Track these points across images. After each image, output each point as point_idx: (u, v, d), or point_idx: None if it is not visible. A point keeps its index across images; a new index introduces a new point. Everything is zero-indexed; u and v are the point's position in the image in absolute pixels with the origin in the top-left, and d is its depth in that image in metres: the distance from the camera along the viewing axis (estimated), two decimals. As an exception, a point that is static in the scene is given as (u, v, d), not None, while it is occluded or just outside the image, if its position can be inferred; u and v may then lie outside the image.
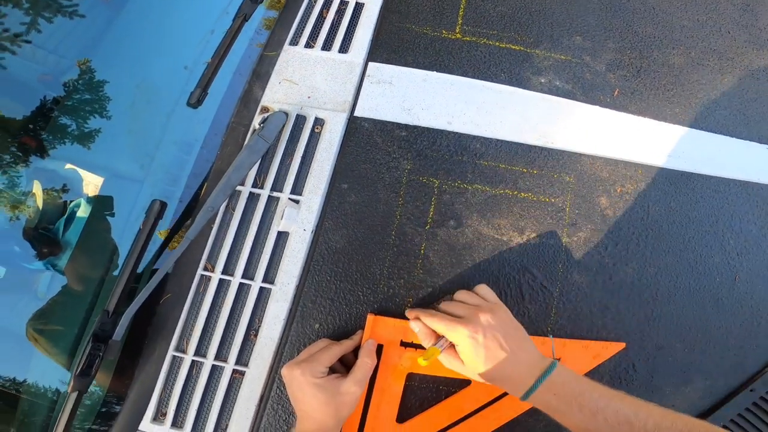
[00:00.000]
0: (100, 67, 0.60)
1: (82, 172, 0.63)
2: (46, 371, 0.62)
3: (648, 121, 0.62)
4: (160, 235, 0.60)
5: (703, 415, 0.58)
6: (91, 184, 0.63)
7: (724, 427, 0.58)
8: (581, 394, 0.44)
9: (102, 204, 0.63)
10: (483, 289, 0.51)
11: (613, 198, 0.58)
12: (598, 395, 0.43)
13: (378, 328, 0.54)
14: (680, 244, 0.58)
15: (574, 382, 0.45)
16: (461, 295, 0.51)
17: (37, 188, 0.63)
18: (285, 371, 0.50)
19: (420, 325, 0.50)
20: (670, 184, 0.60)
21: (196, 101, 0.57)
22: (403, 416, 0.54)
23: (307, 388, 0.47)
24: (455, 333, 0.46)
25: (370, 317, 0.54)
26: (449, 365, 0.50)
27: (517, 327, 0.48)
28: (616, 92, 0.63)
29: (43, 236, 0.63)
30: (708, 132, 0.63)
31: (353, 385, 0.49)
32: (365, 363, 0.50)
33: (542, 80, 0.63)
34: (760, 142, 0.64)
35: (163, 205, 0.55)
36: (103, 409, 0.59)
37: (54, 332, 0.62)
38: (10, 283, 0.62)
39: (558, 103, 0.62)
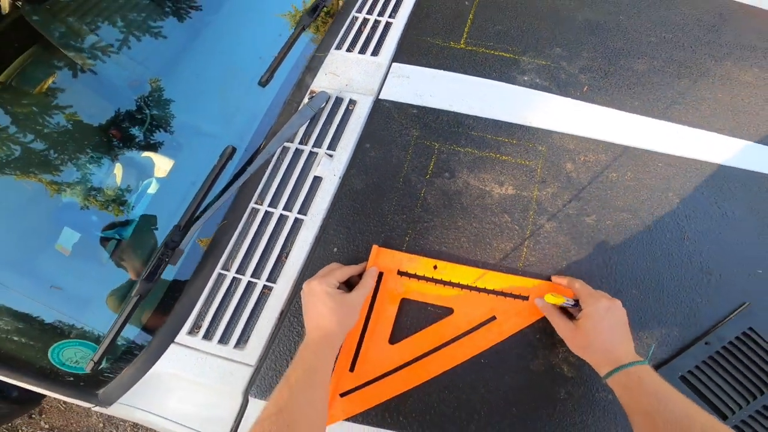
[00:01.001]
0: (202, 53, 0.84)
1: (155, 158, 0.81)
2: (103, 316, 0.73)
3: (611, 110, 0.78)
4: (202, 245, 0.74)
5: (661, 363, 0.63)
6: (162, 168, 0.82)
7: (681, 378, 0.62)
8: (657, 385, 0.50)
9: (148, 221, 0.77)
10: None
11: (577, 164, 0.73)
12: (669, 390, 0.49)
13: (380, 257, 0.67)
14: (634, 204, 0.71)
15: (656, 377, 0.51)
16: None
17: (118, 169, 0.79)
18: (305, 285, 0.61)
19: (544, 302, 0.62)
20: (627, 158, 0.74)
21: (265, 82, 0.80)
22: (395, 338, 0.64)
23: (320, 296, 0.57)
24: (594, 298, 0.57)
25: (374, 248, 0.67)
26: (555, 317, 0.61)
27: (626, 324, 0.58)
28: (585, 88, 0.80)
29: (117, 209, 0.77)
30: (664, 121, 0.78)
31: (356, 298, 0.60)
32: (367, 282, 0.63)
33: (525, 78, 0.81)
34: (711, 131, 0.77)
35: (233, 150, 0.75)
36: (150, 322, 0.71)
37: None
38: (82, 248, 0.73)
39: (537, 95, 0.79)
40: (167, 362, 0.65)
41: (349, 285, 0.66)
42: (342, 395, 0.62)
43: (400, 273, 0.67)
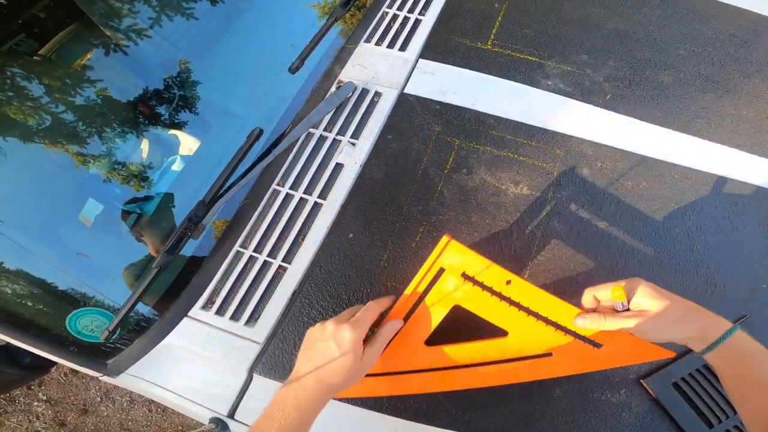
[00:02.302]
0: (236, 38, 0.88)
1: (182, 137, 0.84)
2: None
3: (632, 120, 0.79)
4: (214, 226, 0.76)
5: (656, 369, 0.63)
6: (187, 146, 0.85)
7: (674, 384, 0.62)
8: (763, 352, 0.45)
9: (170, 198, 0.79)
10: None
11: (593, 170, 0.75)
12: None
13: (448, 251, 0.55)
14: (647, 213, 0.72)
15: (754, 343, 0.46)
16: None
17: (144, 145, 0.82)
18: (333, 325, 0.50)
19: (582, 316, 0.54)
20: (644, 167, 0.75)
21: (295, 69, 0.83)
22: (433, 341, 0.59)
23: (344, 349, 0.48)
24: (631, 282, 0.51)
25: (446, 238, 0.55)
26: (612, 319, 0.52)
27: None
28: (608, 96, 0.81)
29: (141, 183, 0.79)
30: (685, 134, 0.78)
31: (374, 356, 0.51)
32: (386, 334, 0.53)
33: (549, 82, 0.82)
34: (731, 146, 0.78)
35: (261, 132, 0.77)
36: (165, 296, 0.72)
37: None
38: (104, 219, 0.75)
39: (559, 100, 0.80)
40: (178, 335, 0.67)
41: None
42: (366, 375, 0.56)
43: (466, 276, 0.56)
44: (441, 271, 0.57)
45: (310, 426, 0.48)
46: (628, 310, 0.53)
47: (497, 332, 0.59)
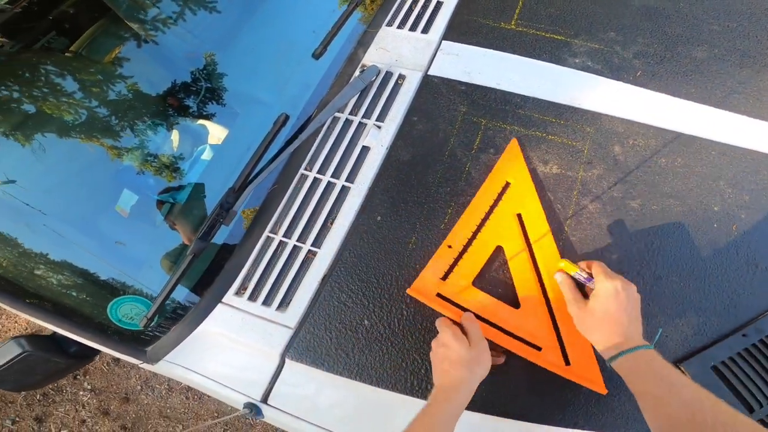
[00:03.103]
0: (259, 27, 0.88)
1: (210, 126, 0.86)
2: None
3: (665, 96, 0.76)
4: (244, 215, 0.77)
5: (695, 352, 0.63)
6: (216, 136, 0.86)
7: (713, 368, 0.62)
8: (665, 370, 0.49)
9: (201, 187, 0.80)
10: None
11: (625, 147, 0.73)
12: (679, 375, 0.49)
13: (515, 154, 0.72)
14: (682, 191, 0.70)
15: (662, 362, 0.50)
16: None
17: (175, 135, 0.84)
18: (466, 353, 0.56)
19: (564, 276, 0.61)
20: (678, 144, 0.73)
21: (318, 55, 0.83)
22: (478, 283, 0.66)
23: (454, 357, 0.56)
24: (610, 276, 0.56)
25: (513, 143, 0.72)
26: (568, 291, 0.60)
27: (638, 308, 0.57)
28: (638, 73, 0.79)
29: (173, 174, 0.81)
30: (721, 109, 0.75)
31: (480, 344, 0.58)
32: (477, 328, 0.60)
33: (576, 60, 0.80)
34: (771, 122, 0.75)
35: (287, 117, 0.78)
36: (201, 282, 0.74)
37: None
38: (139, 209, 0.77)
39: (587, 77, 0.78)
40: (213, 321, 0.68)
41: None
42: (438, 295, 0.66)
43: (519, 218, 0.68)
44: (507, 185, 0.70)
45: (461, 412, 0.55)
46: (590, 278, 0.59)
47: (514, 304, 0.65)
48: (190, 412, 1.49)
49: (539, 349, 0.62)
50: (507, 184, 0.71)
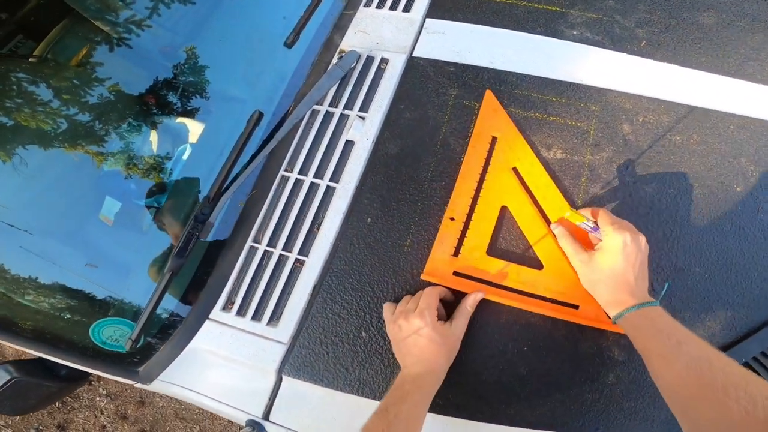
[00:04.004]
0: (224, 17, 0.80)
1: (189, 124, 0.79)
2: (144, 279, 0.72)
3: (674, 66, 0.70)
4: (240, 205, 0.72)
5: (725, 347, 0.58)
6: (196, 134, 0.79)
7: (745, 364, 0.57)
8: (671, 327, 0.47)
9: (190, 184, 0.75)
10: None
11: (635, 126, 0.66)
12: (686, 332, 0.46)
13: (493, 106, 0.67)
14: (701, 172, 0.64)
15: (669, 319, 0.48)
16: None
17: (153, 137, 0.78)
18: (400, 321, 0.55)
19: (561, 229, 0.58)
20: (693, 119, 0.66)
21: (291, 43, 0.75)
22: (492, 251, 0.62)
23: (424, 333, 0.53)
24: (618, 228, 0.52)
25: (488, 93, 0.67)
26: (568, 245, 0.56)
27: (646, 261, 0.54)
28: (642, 43, 0.72)
29: (155, 177, 0.75)
30: (736, 78, 0.69)
31: (459, 329, 0.55)
32: (468, 311, 0.57)
33: (574, 32, 0.73)
34: (790, 90, 0.68)
35: (261, 115, 0.71)
36: (185, 298, 0.70)
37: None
38: (123, 216, 0.73)
39: (588, 50, 0.71)
40: (203, 339, 0.64)
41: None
42: (455, 273, 0.61)
43: (516, 172, 0.64)
44: (494, 140, 0.66)
45: (430, 399, 0.53)
46: (596, 228, 0.56)
47: (534, 264, 0.61)
48: (205, 413, 1.49)
49: (576, 307, 0.59)
50: (494, 139, 0.67)
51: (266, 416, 0.62)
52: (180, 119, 0.80)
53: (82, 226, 0.74)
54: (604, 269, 0.52)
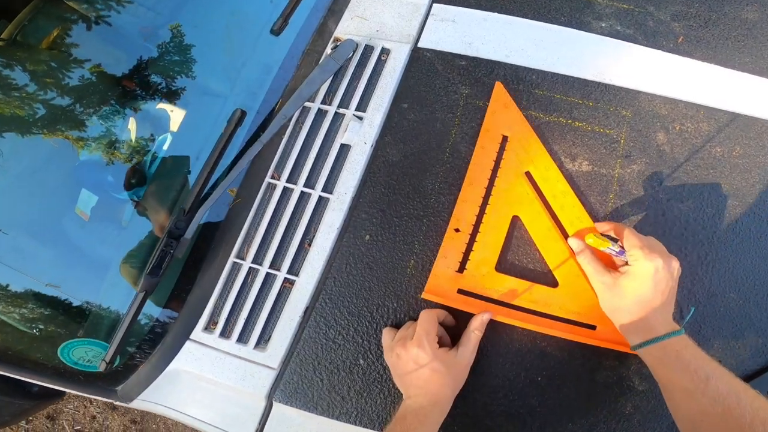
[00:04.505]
0: (202, 1, 0.70)
1: (170, 111, 0.71)
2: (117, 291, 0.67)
3: (714, 67, 0.62)
4: (231, 193, 0.66)
5: (752, 376, 0.54)
6: (177, 122, 0.71)
7: None
8: (699, 360, 0.44)
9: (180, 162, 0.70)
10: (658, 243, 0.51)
11: (671, 135, 0.58)
12: (714, 365, 0.43)
13: (504, 100, 0.59)
14: (743, 188, 0.57)
15: (695, 350, 0.45)
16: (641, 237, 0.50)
17: (132, 125, 0.71)
18: (400, 351, 0.50)
19: (582, 245, 0.52)
20: (735, 128, 0.59)
21: (278, 30, 0.65)
22: (501, 267, 0.56)
23: (427, 363, 0.49)
24: (649, 253, 0.47)
25: (498, 85, 0.60)
26: (588, 263, 0.51)
27: (675, 287, 0.49)
28: (680, 39, 0.63)
29: (133, 168, 0.70)
30: (782, 82, 0.61)
31: (466, 357, 0.51)
32: (476, 335, 0.52)
33: (602, 24, 0.64)
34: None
35: (243, 114, 0.62)
36: (163, 317, 0.65)
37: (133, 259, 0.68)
38: (101, 211, 0.69)
39: (618, 45, 0.63)
40: (184, 360, 0.60)
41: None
42: (460, 291, 0.56)
43: (529, 177, 0.57)
44: (504, 139, 0.58)
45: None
46: (623, 251, 0.50)
47: (548, 281, 0.55)
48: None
49: (593, 327, 0.54)
50: (504, 138, 0.59)
51: None
52: (161, 106, 0.71)
53: (57, 221, 0.68)
54: (630, 296, 0.48)
